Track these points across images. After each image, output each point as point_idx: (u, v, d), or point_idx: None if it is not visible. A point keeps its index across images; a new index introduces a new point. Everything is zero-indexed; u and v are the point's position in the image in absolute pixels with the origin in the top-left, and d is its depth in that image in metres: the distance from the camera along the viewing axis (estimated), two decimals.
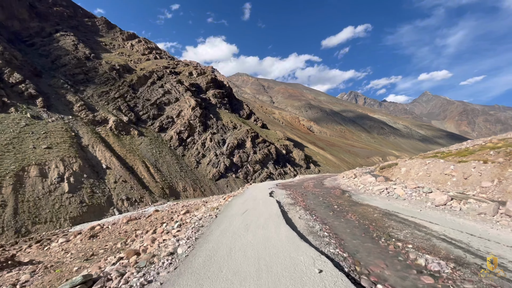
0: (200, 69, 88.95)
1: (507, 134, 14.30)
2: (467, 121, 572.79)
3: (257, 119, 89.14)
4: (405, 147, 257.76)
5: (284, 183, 25.36)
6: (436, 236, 6.53)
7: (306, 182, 23.65)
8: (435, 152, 16.12)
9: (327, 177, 29.56)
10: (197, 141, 58.77)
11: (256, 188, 20.04)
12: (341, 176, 24.62)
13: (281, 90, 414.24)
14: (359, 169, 29.94)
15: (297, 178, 37.98)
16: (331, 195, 13.64)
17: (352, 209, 10.07)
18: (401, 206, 10.11)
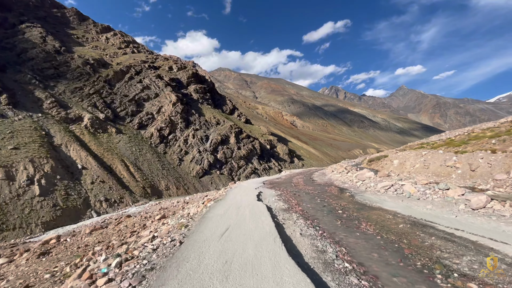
0: (180, 64, 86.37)
1: (481, 125, 14.79)
2: (440, 113, 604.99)
3: (240, 114, 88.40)
4: (383, 140, 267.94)
5: (271, 180, 23.12)
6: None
7: (294, 178, 21.91)
8: (420, 144, 16.25)
9: (314, 172, 28.28)
10: (179, 137, 57.23)
11: (241, 189, 16.77)
12: (329, 171, 23.29)
13: (264, 85, 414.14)
14: (345, 162, 30.17)
15: (283, 173, 35.66)
16: (328, 194, 12.09)
17: (363, 214, 8.20)
18: (425, 210, 8.20)
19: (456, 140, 12.96)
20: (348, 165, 23.63)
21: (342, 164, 26.68)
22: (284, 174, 31.54)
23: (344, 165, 23.98)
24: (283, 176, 26.99)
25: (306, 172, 31.04)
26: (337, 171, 20.08)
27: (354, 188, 12.94)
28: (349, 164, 24.84)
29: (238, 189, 16.71)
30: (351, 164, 23.47)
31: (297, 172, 32.04)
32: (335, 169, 21.92)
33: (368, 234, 6.40)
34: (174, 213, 16.43)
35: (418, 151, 13.92)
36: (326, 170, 25.77)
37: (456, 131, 16.08)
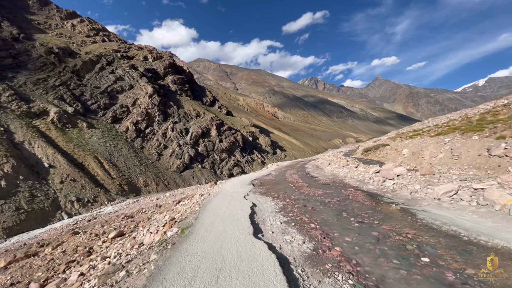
0: (156, 53, 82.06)
1: (471, 110, 14.81)
2: (413, 103, 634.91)
3: (221, 106, 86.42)
4: (361, 129, 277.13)
5: (261, 179, 17.64)
6: None
7: (288, 174, 18.12)
8: (414, 131, 14.99)
9: (304, 164, 25.36)
10: (157, 131, 54.70)
11: (224, 198, 11.12)
12: (324, 163, 20.11)
13: (245, 77, 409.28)
14: (333, 152, 29.43)
15: (271, 167, 30.18)
16: (358, 205, 7.85)
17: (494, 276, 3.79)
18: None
19: (455, 125, 11.45)
20: (339, 155, 22.01)
21: (337, 154, 24.57)
22: (272, 169, 26.67)
23: (339, 155, 21.60)
24: (273, 172, 22.24)
25: (294, 164, 28.11)
26: (337, 164, 16.81)
27: (390, 193, 8.75)
28: (338, 154, 23.57)
29: (220, 199, 11.05)
30: (341, 154, 22.12)
31: (285, 165, 28.59)
32: (332, 161, 18.93)
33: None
34: (136, 225, 13.33)
35: (441, 137, 11.31)
36: (318, 162, 23.11)
37: (438, 118, 16.06)
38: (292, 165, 27.91)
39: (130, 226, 13.41)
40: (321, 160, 23.44)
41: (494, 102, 14.01)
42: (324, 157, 24.94)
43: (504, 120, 9.93)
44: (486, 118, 10.54)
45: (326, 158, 22.24)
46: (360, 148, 18.01)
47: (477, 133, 10.18)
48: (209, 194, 13.60)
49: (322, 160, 23.20)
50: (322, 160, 23.20)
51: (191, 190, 28.25)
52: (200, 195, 14.27)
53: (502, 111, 10.71)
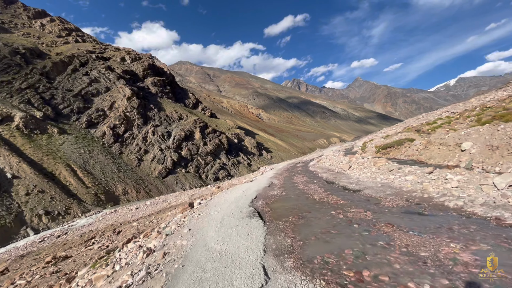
0: (134, 55, 78.61)
1: (477, 99, 14.23)
2: (391, 102, 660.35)
3: (204, 108, 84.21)
4: (344, 129, 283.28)
5: (265, 196, 10.79)
6: None
7: (300, 184, 12.50)
8: (428, 123, 12.62)
9: (304, 166, 21.11)
10: (137, 135, 51.83)
11: (206, 238, 6.29)
12: (340, 164, 15.15)
13: (228, 79, 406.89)
14: (332, 150, 26.62)
15: (267, 172, 22.93)
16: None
17: None
18: None
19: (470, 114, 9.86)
20: (356, 155, 16.68)
21: (339, 153, 20.42)
22: (269, 174, 19.66)
23: (350, 155, 16.68)
24: (274, 180, 15.63)
25: (292, 167, 22.52)
26: (370, 168, 11.67)
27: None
28: (339, 153, 20.11)
29: (200, 237, 6.47)
30: (342, 153, 19.32)
31: (283, 169, 22.61)
32: (351, 162, 14.20)
33: None
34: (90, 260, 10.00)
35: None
36: (325, 164, 18.46)
37: (433, 113, 15.43)
38: (290, 168, 22.73)
39: (72, 273, 8.71)
40: (327, 160, 19.07)
41: (494, 94, 13.57)
42: (329, 156, 20.24)
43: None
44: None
45: (334, 159, 17.88)
46: (369, 145, 15.19)
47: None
48: (182, 222, 8.33)
49: (328, 160, 18.71)
50: (328, 160, 18.71)
51: (174, 198, 26.29)
52: (172, 221, 9.21)
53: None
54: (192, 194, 24.69)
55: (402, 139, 12.58)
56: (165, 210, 18.26)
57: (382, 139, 15.10)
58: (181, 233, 7.11)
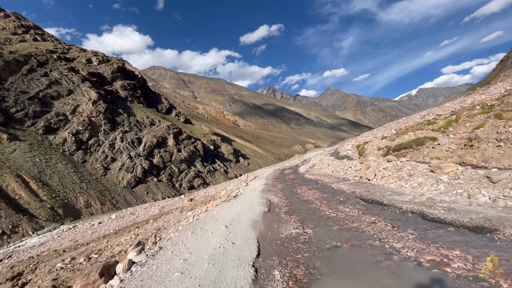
0: (102, 56, 73.75)
1: (458, 102, 14.41)
2: (361, 110, 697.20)
3: (179, 113, 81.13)
4: (318, 135, 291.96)
5: (271, 235, 6.10)
6: None
7: (308, 195, 10.17)
8: (429, 122, 11.99)
9: (296, 173, 18.01)
10: (103, 142, 47.83)
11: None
12: (362, 171, 12.00)
13: (203, 85, 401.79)
14: (322, 153, 25.03)
15: (256, 182, 17.33)
16: None
17: None
18: None
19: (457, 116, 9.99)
20: (329, 157, 16.72)
21: (329, 157, 18.32)
22: (259, 185, 15.10)
23: (367, 157, 13.26)
24: (271, 195, 11.45)
25: (279, 175, 18.61)
26: (411, 173, 9.04)
27: None
28: (327, 156, 18.34)
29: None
30: (332, 157, 17.03)
31: (271, 177, 18.11)
32: (368, 167, 11.59)
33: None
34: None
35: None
36: (323, 170, 15.54)
37: (416, 115, 15.39)
38: (279, 175, 18.55)
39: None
40: (325, 166, 15.91)
41: (473, 98, 13.93)
42: (325, 161, 17.25)
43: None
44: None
45: (335, 164, 15.09)
46: (368, 147, 13.15)
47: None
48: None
49: (327, 166, 15.59)
50: (327, 166, 15.59)
51: (143, 210, 23.90)
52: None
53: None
54: (163, 206, 22.57)
55: (421, 138, 10.75)
56: (129, 227, 16.00)
57: (385, 140, 13.67)
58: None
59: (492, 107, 9.68)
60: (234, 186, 17.63)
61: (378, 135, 16.30)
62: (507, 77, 22.27)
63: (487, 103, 10.21)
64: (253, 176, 22.46)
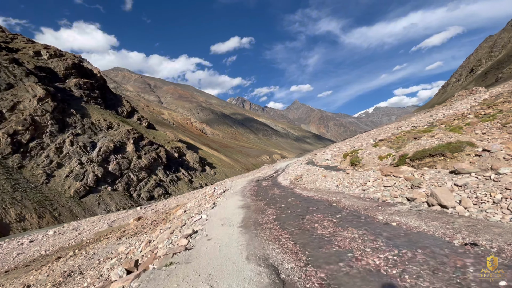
0: (55, 50, 66.40)
1: (399, 125, 14.60)
2: (324, 125, 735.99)
3: (141, 118, 75.93)
4: (284, 146, 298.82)
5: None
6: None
7: (313, 221, 6.61)
8: (419, 131, 11.03)
9: (272, 184, 15.33)
10: (48, 145, 41.96)
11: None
12: (378, 189, 8.93)
13: (171, 91, 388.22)
14: (298, 161, 22.58)
15: (229, 201, 11.85)
16: None
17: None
18: None
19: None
20: (317, 167, 14.52)
21: (314, 167, 15.75)
22: (233, 204, 10.83)
23: (366, 170, 11.17)
24: (275, 253, 4.82)
25: (260, 188, 14.60)
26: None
27: None
28: (303, 164, 16.91)
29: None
30: (317, 167, 14.81)
31: (247, 192, 13.77)
32: (373, 180, 9.56)
33: None
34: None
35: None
36: (317, 184, 12.03)
37: (400, 123, 15.49)
38: (255, 188, 14.48)
39: None
40: (318, 178, 12.81)
41: (442, 112, 14.53)
42: (313, 172, 14.54)
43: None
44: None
45: (333, 175, 12.10)
46: (365, 156, 11.29)
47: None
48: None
49: (323, 178, 12.32)
50: (323, 178, 12.32)
51: (89, 224, 20.59)
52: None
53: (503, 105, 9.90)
54: (114, 220, 19.65)
55: (453, 142, 8.34)
56: (68, 248, 13.05)
57: (384, 148, 11.83)
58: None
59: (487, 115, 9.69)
60: (194, 208, 12.21)
61: (363, 144, 15.00)
62: (461, 96, 24.95)
63: (481, 112, 10.51)
64: (222, 189, 16.95)
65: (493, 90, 17.09)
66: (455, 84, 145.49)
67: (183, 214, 11.14)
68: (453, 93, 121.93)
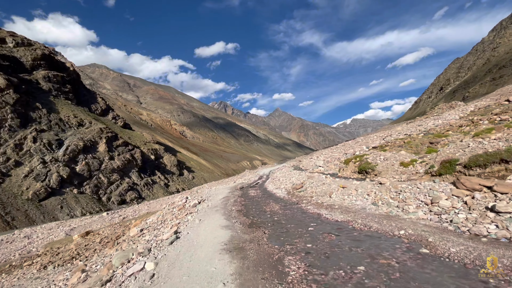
0: (22, 39, 61.18)
1: (388, 133, 14.36)
2: (304, 133, 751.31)
3: (117, 117, 71.85)
4: (265, 153, 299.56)
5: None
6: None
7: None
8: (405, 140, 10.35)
9: (261, 194, 13.08)
10: (7, 141, 37.81)
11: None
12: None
13: (151, 91, 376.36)
14: (285, 167, 20.87)
15: (203, 224, 8.07)
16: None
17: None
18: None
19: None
20: (324, 176, 12.10)
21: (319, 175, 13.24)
22: (211, 243, 6.10)
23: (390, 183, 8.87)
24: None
25: (248, 199, 12.42)
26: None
27: None
28: (290, 169, 15.40)
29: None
30: (325, 176, 12.26)
31: (231, 205, 11.23)
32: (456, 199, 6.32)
33: None
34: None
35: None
36: (330, 197, 9.42)
37: (391, 130, 15.26)
38: (245, 201, 11.91)
39: None
40: (332, 189, 10.07)
41: (432, 122, 14.42)
42: (329, 182, 11.02)
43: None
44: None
45: (357, 187, 9.42)
46: (381, 161, 9.71)
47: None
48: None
49: (342, 191, 9.53)
50: (342, 191, 9.53)
51: (46, 231, 18.08)
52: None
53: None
54: (73, 227, 17.41)
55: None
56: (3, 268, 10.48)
57: (404, 152, 10.08)
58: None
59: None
60: (156, 224, 9.47)
61: (355, 151, 13.58)
62: (441, 109, 25.99)
63: (495, 119, 10.29)
64: (196, 199, 13.35)
65: (477, 104, 17.69)
66: (426, 100, 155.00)
67: (137, 237, 8.12)
68: (425, 108, 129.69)
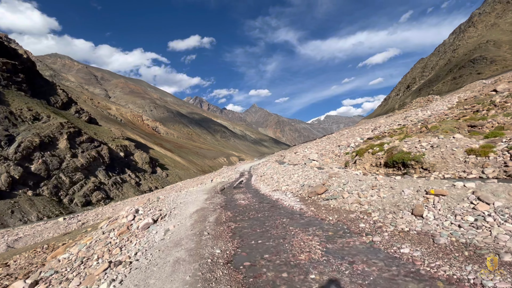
0: None
1: (375, 127, 14.06)
2: (280, 129, 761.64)
3: (81, 110, 66.04)
4: (242, 149, 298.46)
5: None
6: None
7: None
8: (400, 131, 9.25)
9: (252, 199, 9.92)
10: None
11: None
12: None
13: (121, 84, 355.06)
14: (269, 161, 19.67)
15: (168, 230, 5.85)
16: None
17: None
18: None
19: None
20: (347, 172, 9.88)
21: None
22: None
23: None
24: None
25: (238, 212, 7.96)
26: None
27: None
28: (275, 163, 13.66)
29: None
30: (350, 173, 9.72)
31: (204, 211, 8.32)
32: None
33: None
34: None
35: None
36: (349, 200, 6.85)
37: (390, 118, 14.81)
38: (239, 223, 6.89)
39: None
40: (392, 195, 6.17)
41: (414, 115, 14.36)
42: (374, 183, 7.30)
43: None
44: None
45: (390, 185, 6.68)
46: (434, 151, 7.79)
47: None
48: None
49: (425, 199, 5.40)
50: (425, 199, 5.40)
51: None
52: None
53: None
54: (19, 237, 14.91)
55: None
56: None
57: (468, 139, 8.17)
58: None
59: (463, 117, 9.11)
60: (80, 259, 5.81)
61: (350, 143, 11.82)
62: (419, 103, 26.96)
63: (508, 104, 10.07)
64: (152, 214, 8.37)
65: (460, 95, 18.35)
66: (394, 97, 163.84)
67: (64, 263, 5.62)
68: (393, 105, 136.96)
